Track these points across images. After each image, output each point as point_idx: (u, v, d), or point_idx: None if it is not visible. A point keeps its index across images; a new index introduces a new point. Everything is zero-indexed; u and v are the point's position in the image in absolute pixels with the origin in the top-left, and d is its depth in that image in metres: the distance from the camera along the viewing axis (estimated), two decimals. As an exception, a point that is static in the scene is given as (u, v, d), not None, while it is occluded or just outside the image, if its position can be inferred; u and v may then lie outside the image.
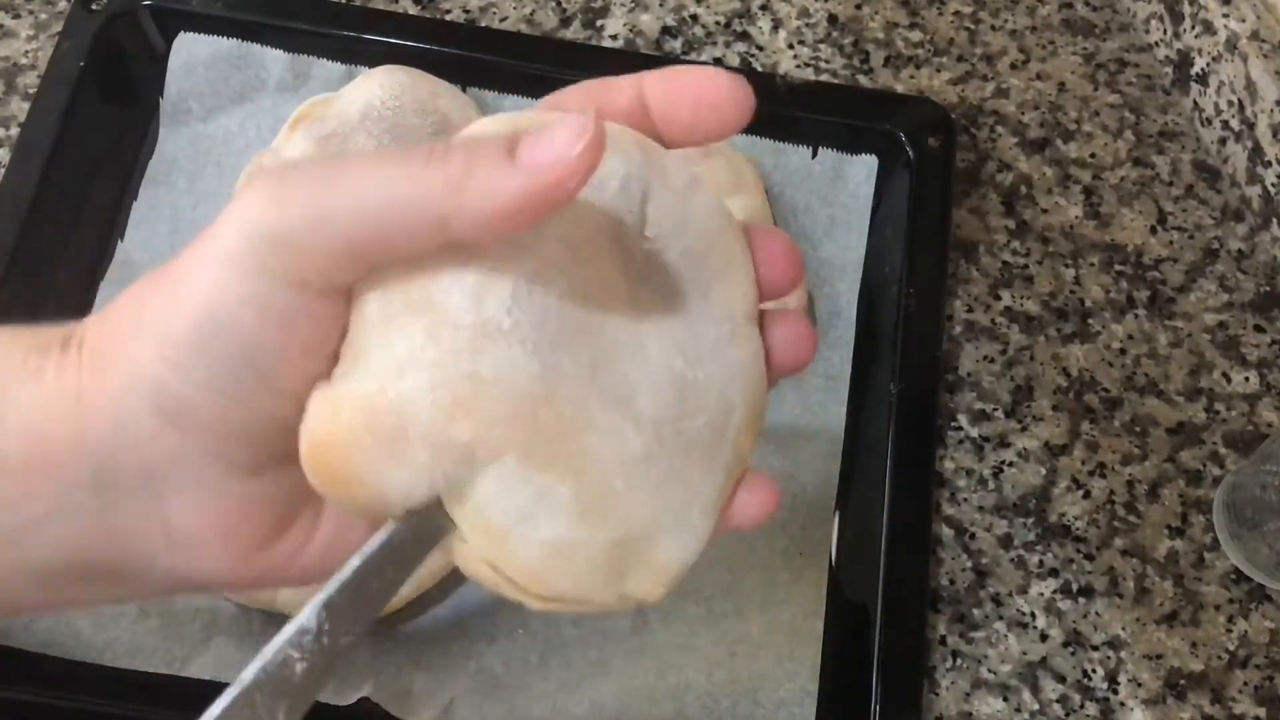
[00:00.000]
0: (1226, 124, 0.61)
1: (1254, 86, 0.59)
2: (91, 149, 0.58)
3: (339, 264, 0.25)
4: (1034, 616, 0.53)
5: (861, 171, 0.59)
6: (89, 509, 0.26)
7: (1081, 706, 0.51)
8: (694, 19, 0.65)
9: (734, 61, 0.64)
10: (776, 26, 0.65)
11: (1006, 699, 0.51)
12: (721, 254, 0.29)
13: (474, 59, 0.60)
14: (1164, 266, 0.60)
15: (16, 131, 0.58)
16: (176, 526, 0.27)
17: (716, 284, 0.28)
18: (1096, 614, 0.53)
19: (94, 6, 0.59)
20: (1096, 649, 0.52)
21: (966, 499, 0.55)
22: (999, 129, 0.63)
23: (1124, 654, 0.52)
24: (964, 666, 0.52)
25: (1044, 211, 0.61)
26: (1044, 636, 0.52)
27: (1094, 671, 0.52)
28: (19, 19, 0.63)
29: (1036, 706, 0.51)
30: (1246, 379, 0.58)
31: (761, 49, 0.65)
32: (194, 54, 0.59)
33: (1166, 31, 0.64)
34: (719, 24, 0.65)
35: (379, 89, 0.55)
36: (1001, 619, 0.53)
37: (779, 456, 0.54)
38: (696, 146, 0.29)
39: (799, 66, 0.64)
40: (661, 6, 0.65)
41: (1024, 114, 0.64)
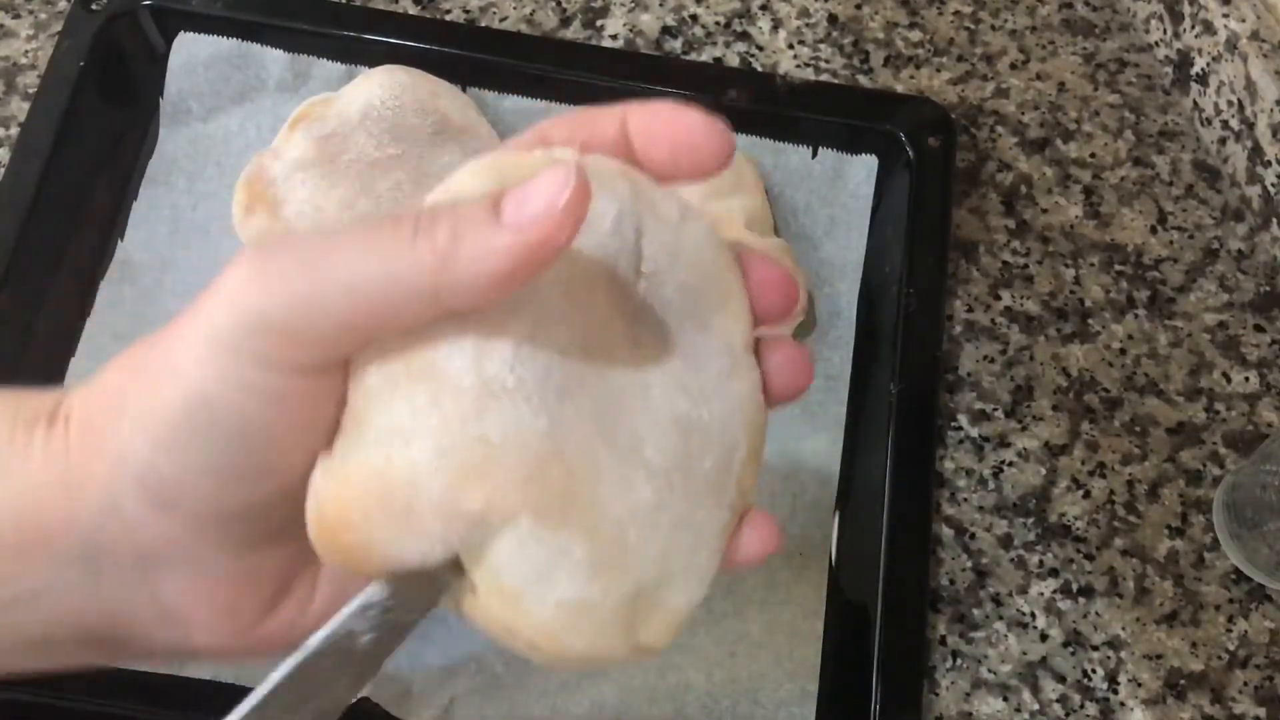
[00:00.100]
0: (1226, 124, 0.61)
1: (1254, 86, 0.59)
2: (91, 149, 0.58)
3: (332, 344, 0.24)
4: (1034, 616, 0.53)
5: (861, 171, 0.59)
6: (82, 585, 0.26)
7: (1081, 706, 0.51)
8: (694, 19, 0.65)
9: (734, 61, 0.64)
10: (776, 26, 0.65)
11: (1006, 699, 0.51)
12: (717, 285, 0.28)
13: (474, 59, 0.60)
14: (1164, 266, 0.60)
15: (16, 131, 0.58)
16: (171, 604, 0.27)
17: (714, 316, 0.28)
18: (1096, 614, 0.53)
19: (94, 6, 0.59)
20: (1096, 649, 0.52)
21: (966, 499, 0.55)
22: (999, 129, 0.63)
23: (1124, 654, 0.52)
24: (964, 666, 0.52)
25: (1044, 211, 0.61)
26: (1044, 636, 0.52)
27: (1094, 671, 0.52)
28: (19, 19, 0.63)
29: (1036, 706, 0.51)
30: (1246, 379, 0.58)
31: (761, 49, 0.65)
32: (194, 54, 0.59)
33: (1166, 31, 0.64)
34: (719, 24, 0.65)
35: (379, 89, 0.55)
36: (1001, 619, 0.53)
37: (779, 457, 0.54)
38: (679, 183, 0.28)
39: (799, 66, 0.64)
40: (661, 6, 0.65)
41: (1024, 114, 0.64)
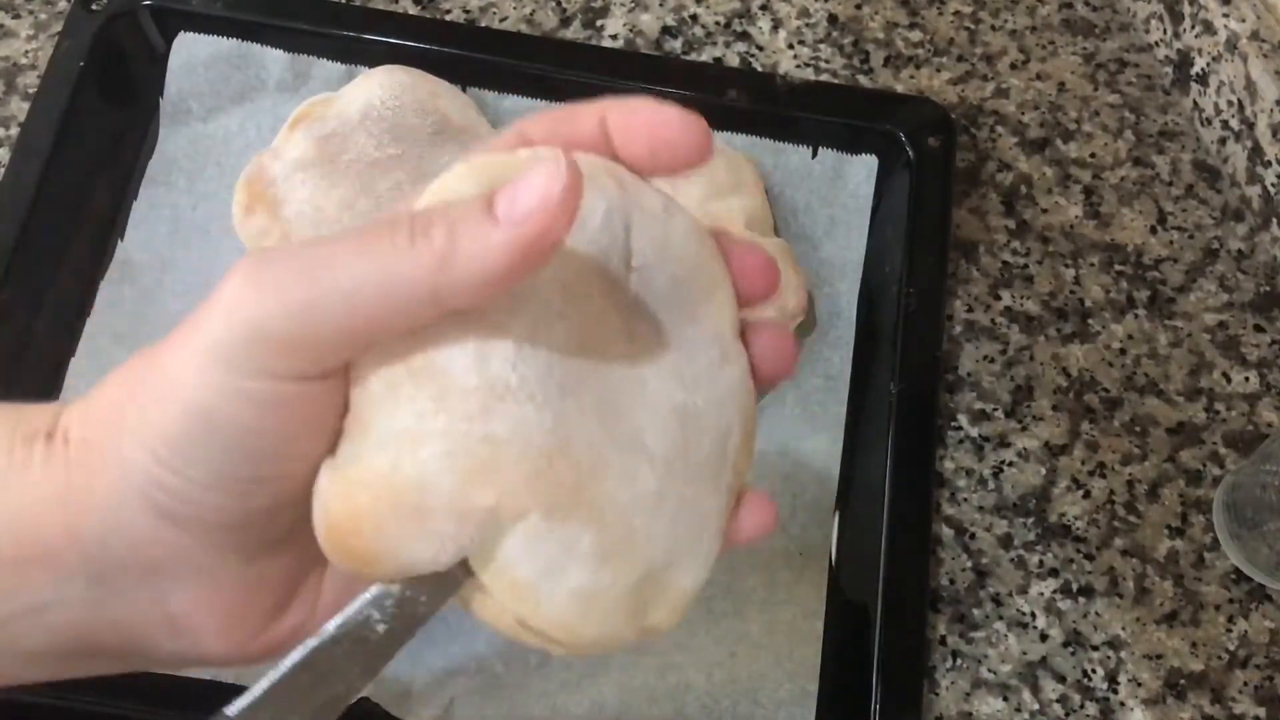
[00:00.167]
0: (1226, 124, 0.61)
1: (1254, 86, 0.59)
2: (91, 149, 0.58)
3: (332, 351, 0.24)
4: (1034, 616, 0.53)
5: (861, 171, 0.59)
6: (87, 599, 0.26)
7: (1081, 706, 0.51)
8: (694, 19, 0.65)
9: (734, 61, 0.64)
10: (776, 26, 0.65)
11: (1006, 699, 0.51)
12: (704, 275, 0.29)
13: (474, 59, 0.60)
14: (1164, 266, 0.60)
15: (16, 131, 0.58)
16: (179, 614, 0.27)
17: (703, 306, 0.29)
18: (1096, 614, 0.53)
19: (94, 6, 0.59)
20: (1096, 649, 0.52)
21: (966, 499, 0.55)
22: (999, 129, 0.63)
23: (1124, 654, 0.52)
24: (964, 666, 0.52)
25: (1044, 211, 0.61)
26: (1044, 636, 0.52)
27: (1094, 671, 0.52)
28: (19, 19, 0.63)
29: (1036, 706, 0.51)
30: (1246, 379, 0.58)
31: (761, 49, 0.65)
32: (194, 54, 0.59)
33: (1166, 31, 0.64)
34: (719, 24, 0.65)
35: (379, 89, 0.55)
36: (1001, 619, 0.53)
37: (779, 457, 0.54)
38: (658, 177, 0.28)
39: (799, 66, 0.64)
40: (661, 6, 0.65)
41: (1024, 114, 0.64)
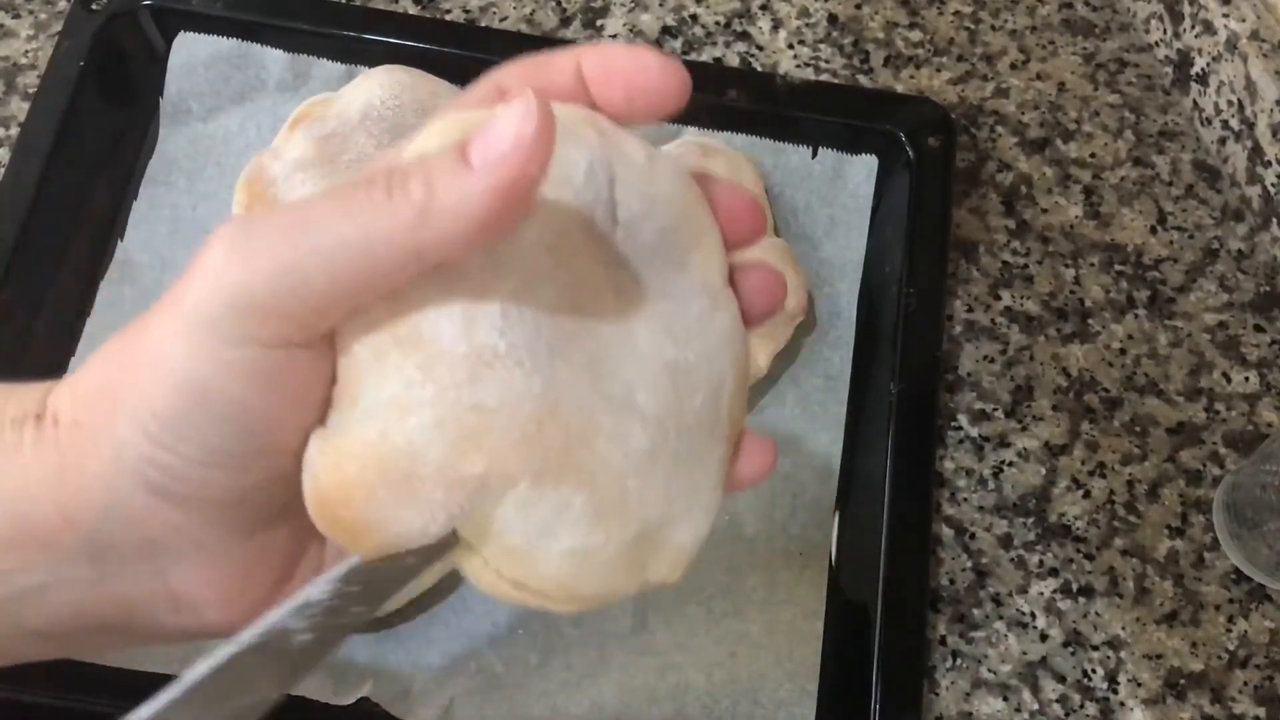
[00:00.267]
0: (1226, 124, 0.61)
1: (1254, 86, 0.59)
2: (91, 149, 0.58)
3: (318, 315, 0.24)
4: (1034, 616, 0.53)
5: (861, 171, 0.59)
6: (86, 578, 0.26)
7: (1081, 706, 0.51)
8: (694, 19, 0.65)
9: (734, 61, 0.64)
10: (776, 26, 0.65)
11: (1006, 699, 0.51)
12: (690, 222, 0.28)
13: (474, 59, 0.60)
14: (1164, 266, 0.60)
15: (16, 131, 0.58)
16: (180, 591, 0.26)
17: (690, 254, 0.28)
18: (1096, 614, 0.53)
19: (94, 6, 0.59)
20: (1096, 649, 0.52)
21: (966, 499, 0.55)
22: (999, 129, 0.63)
23: (1124, 654, 0.52)
24: (964, 666, 0.52)
25: (1044, 211, 0.61)
26: (1044, 636, 0.52)
27: (1094, 671, 0.52)
28: (19, 19, 0.63)
29: (1036, 706, 0.51)
30: (1246, 379, 0.58)
31: (761, 49, 0.65)
32: (194, 54, 0.59)
33: (1166, 31, 0.64)
34: (719, 24, 0.65)
35: (379, 89, 0.55)
36: (1001, 619, 0.53)
37: (779, 457, 0.54)
38: (636, 125, 0.27)
39: (799, 66, 0.64)
40: (661, 6, 0.65)
41: (1024, 114, 0.64)
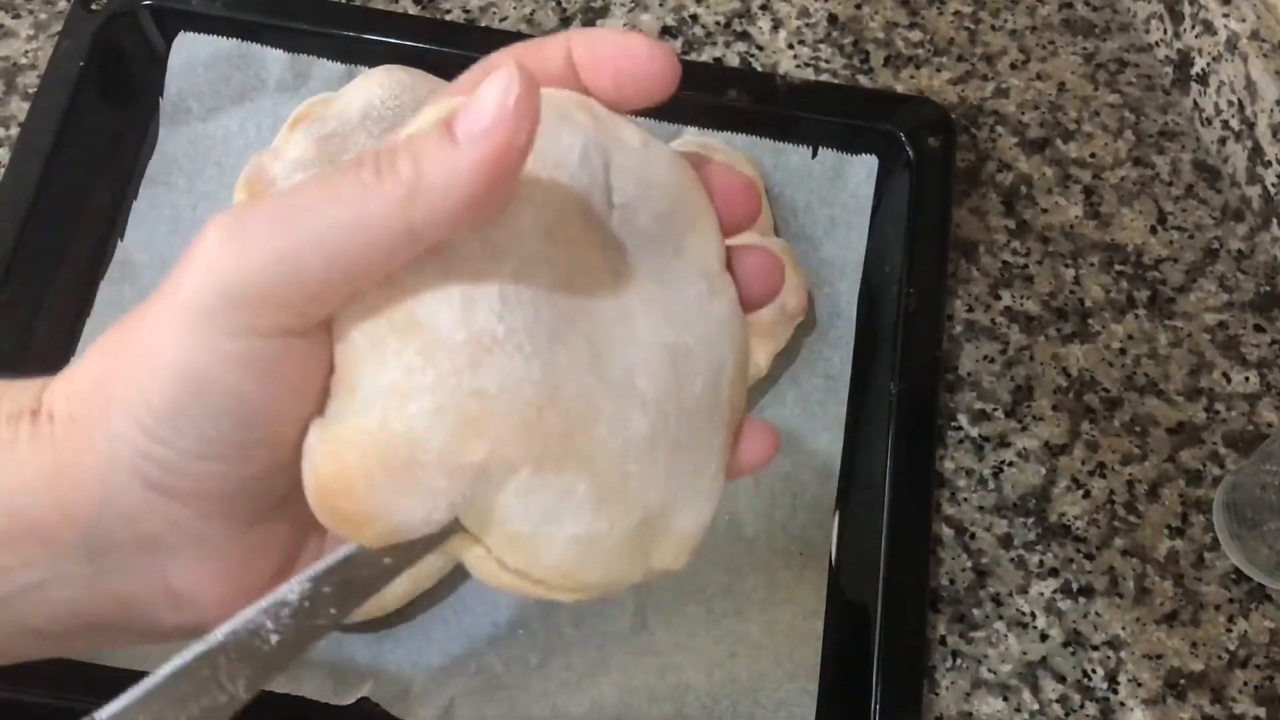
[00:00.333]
0: (1226, 124, 0.61)
1: (1254, 86, 0.59)
2: (91, 149, 0.58)
3: (315, 302, 0.23)
4: (1034, 616, 0.53)
5: (861, 171, 0.59)
6: (85, 575, 0.26)
7: (1081, 706, 0.51)
8: (694, 19, 0.65)
9: (734, 61, 0.64)
10: (776, 26, 0.65)
11: (1006, 699, 0.51)
12: (686, 206, 0.28)
13: (474, 59, 0.59)
14: (1164, 266, 0.60)
15: (16, 131, 0.58)
16: (180, 587, 0.26)
17: (687, 238, 0.28)
18: (1096, 614, 0.53)
19: (94, 6, 0.59)
20: (1096, 649, 0.52)
21: (966, 499, 0.55)
22: (999, 129, 0.63)
23: (1124, 654, 0.52)
24: (964, 666, 0.52)
25: (1044, 211, 0.61)
26: (1044, 636, 0.52)
27: (1094, 671, 0.52)
28: (19, 19, 0.63)
29: (1036, 706, 0.51)
30: (1246, 379, 0.58)
31: (761, 49, 0.65)
32: (194, 54, 0.59)
33: (1166, 31, 0.64)
34: (719, 24, 0.65)
35: (379, 89, 0.55)
36: (1001, 619, 0.53)
37: (779, 456, 0.54)
38: (628, 111, 0.27)
39: (799, 66, 0.64)
40: (661, 6, 0.65)
41: (1024, 114, 0.64)
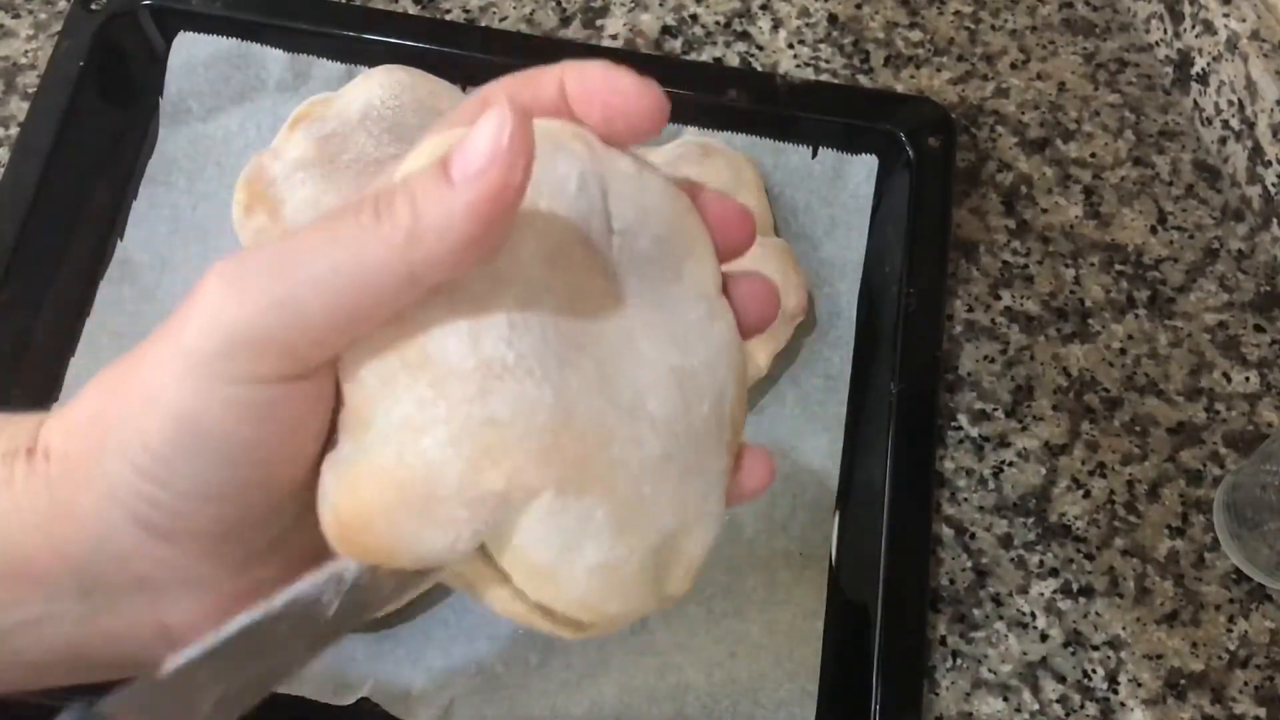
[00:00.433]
0: (1227, 124, 0.61)
1: (1254, 86, 0.59)
2: (91, 149, 0.58)
3: (317, 346, 0.23)
4: (1034, 616, 0.53)
5: (861, 171, 0.59)
6: (78, 613, 0.26)
7: (1081, 706, 0.51)
8: (694, 19, 0.65)
9: (734, 61, 0.64)
10: (776, 26, 0.65)
11: (1006, 699, 0.51)
12: (683, 232, 0.28)
13: (474, 59, 0.60)
14: (1164, 266, 0.60)
15: (16, 131, 0.58)
16: (171, 623, 0.26)
17: (685, 263, 0.28)
18: (1097, 614, 0.53)
19: (94, 6, 0.59)
20: (1097, 649, 0.52)
21: (966, 499, 0.55)
22: (999, 129, 0.63)
23: (1124, 654, 0.52)
24: (964, 666, 0.52)
25: (1044, 211, 0.61)
26: (1044, 636, 0.52)
27: (1094, 671, 0.52)
28: (19, 19, 0.63)
29: (1036, 706, 0.51)
30: (1247, 379, 0.58)
31: (761, 49, 0.65)
32: (194, 54, 0.59)
33: (1167, 31, 0.64)
34: (719, 24, 0.65)
35: (379, 88, 0.55)
36: (1001, 619, 0.53)
37: (779, 456, 0.54)
38: (621, 144, 0.27)
39: (799, 66, 0.64)
40: (661, 6, 0.65)
41: (1024, 114, 0.64)
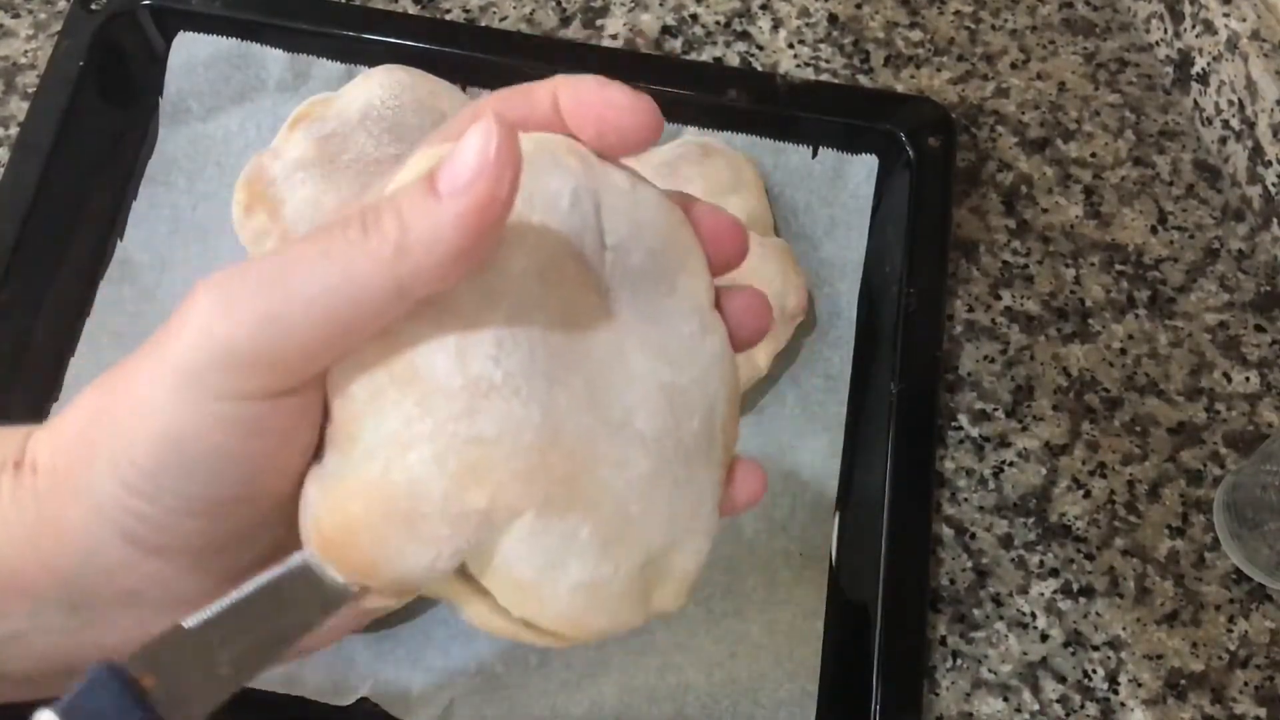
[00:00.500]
0: (1227, 123, 0.61)
1: (1254, 86, 0.59)
2: (91, 149, 0.58)
3: (307, 361, 0.23)
4: (1034, 616, 0.53)
5: (861, 171, 0.59)
6: (66, 626, 0.26)
7: (1082, 707, 0.51)
8: (694, 19, 0.65)
9: (734, 61, 0.64)
10: (776, 26, 0.65)
11: (1007, 699, 0.51)
12: (676, 246, 0.28)
13: (474, 59, 0.60)
14: (1164, 266, 0.60)
15: (16, 131, 0.58)
16: None
17: (678, 277, 0.28)
18: (1097, 614, 0.53)
19: (93, 6, 0.59)
20: (1097, 649, 0.52)
21: (966, 499, 0.55)
22: (999, 129, 0.63)
23: (1124, 654, 0.52)
24: (964, 666, 0.52)
25: (1044, 211, 0.61)
26: (1044, 636, 0.52)
27: (1094, 672, 0.52)
28: (19, 19, 0.63)
29: (1037, 707, 0.51)
30: (1247, 379, 0.58)
31: (761, 48, 0.65)
32: (194, 53, 0.59)
33: (1167, 31, 0.64)
34: (719, 23, 0.65)
35: (379, 88, 0.55)
36: (1002, 619, 0.53)
37: (779, 457, 0.54)
38: (614, 157, 0.28)
39: (799, 66, 0.64)
40: (661, 6, 0.65)
41: (1024, 114, 0.64)
